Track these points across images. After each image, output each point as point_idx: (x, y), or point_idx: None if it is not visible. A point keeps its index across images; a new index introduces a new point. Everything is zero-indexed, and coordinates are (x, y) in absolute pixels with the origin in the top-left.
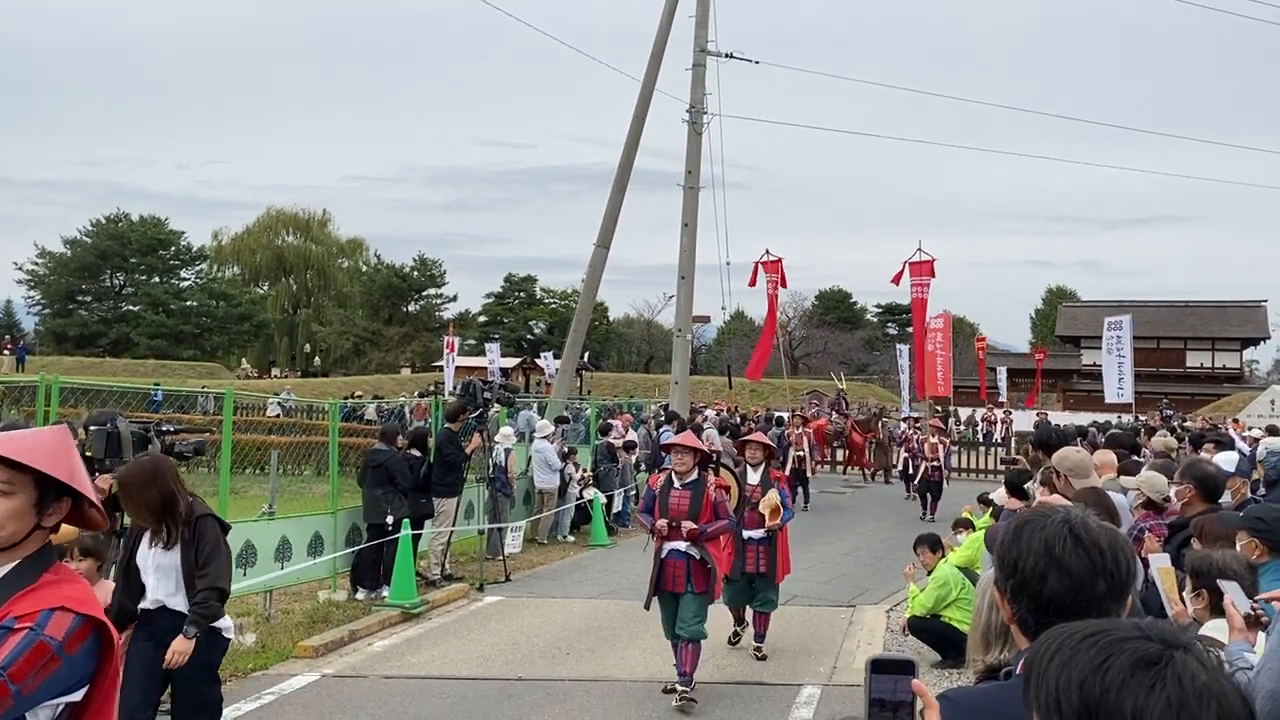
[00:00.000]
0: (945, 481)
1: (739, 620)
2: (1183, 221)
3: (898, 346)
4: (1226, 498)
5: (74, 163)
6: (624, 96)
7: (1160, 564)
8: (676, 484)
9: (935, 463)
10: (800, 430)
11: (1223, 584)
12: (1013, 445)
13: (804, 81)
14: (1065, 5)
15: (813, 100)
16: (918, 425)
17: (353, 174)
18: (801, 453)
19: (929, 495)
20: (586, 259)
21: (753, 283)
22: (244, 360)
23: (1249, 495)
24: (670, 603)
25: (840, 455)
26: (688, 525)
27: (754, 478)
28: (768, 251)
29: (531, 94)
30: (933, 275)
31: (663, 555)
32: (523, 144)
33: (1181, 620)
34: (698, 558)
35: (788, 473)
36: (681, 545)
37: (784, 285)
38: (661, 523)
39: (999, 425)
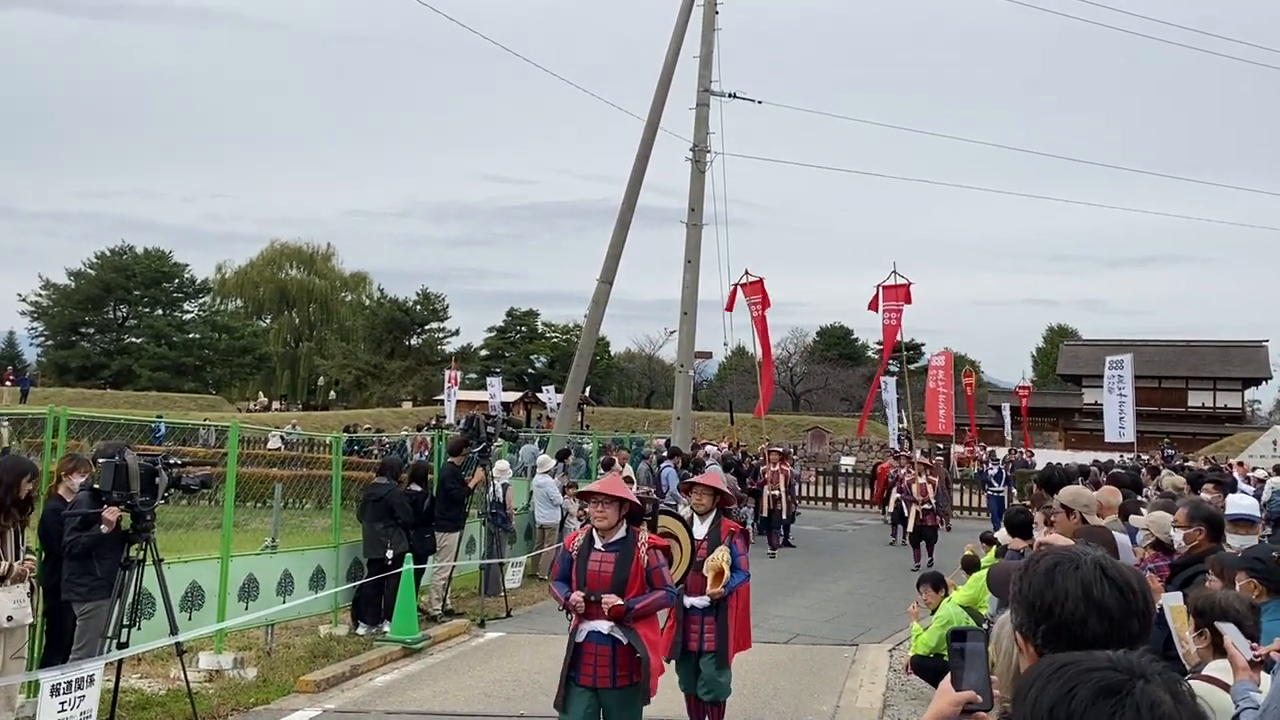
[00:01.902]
0: (941, 526)
1: None
2: (1185, 261)
3: (883, 380)
4: (1252, 540)
5: (80, 195)
6: (628, 133)
7: (1173, 602)
8: (598, 544)
9: (927, 505)
10: (776, 468)
11: (1220, 626)
12: (1014, 485)
13: (807, 120)
14: (1069, 47)
15: (816, 138)
16: (906, 459)
17: (357, 208)
18: (776, 492)
19: (923, 542)
20: (588, 294)
21: (729, 307)
22: (260, 393)
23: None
24: (587, 700)
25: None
26: (610, 600)
27: (701, 530)
28: (747, 272)
29: (536, 130)
30: (908, 301)
31: (579, 638)
32: (527, 180)
33: (1190, 660)
34: (625, 642)
35: (764, 515)
36: (604, 626)
37: (768, 305)
38: (578, 596)
39: (1005, 464)
